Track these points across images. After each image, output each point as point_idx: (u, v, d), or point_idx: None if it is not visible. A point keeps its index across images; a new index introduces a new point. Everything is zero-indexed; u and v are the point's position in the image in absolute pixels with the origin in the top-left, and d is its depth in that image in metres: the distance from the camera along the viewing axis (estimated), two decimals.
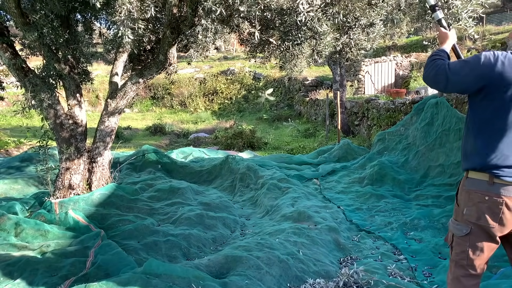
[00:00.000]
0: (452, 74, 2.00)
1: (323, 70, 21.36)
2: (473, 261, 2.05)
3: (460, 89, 2.06)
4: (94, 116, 17.46)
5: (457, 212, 2.12)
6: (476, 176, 2.03)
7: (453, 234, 2.12)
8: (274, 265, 3.36)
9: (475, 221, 2.01)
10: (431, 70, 2.09)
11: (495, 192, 1.95)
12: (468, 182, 2.07)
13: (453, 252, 2.13)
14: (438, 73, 2.05)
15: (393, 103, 9.84)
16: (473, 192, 2.03)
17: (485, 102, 1.99)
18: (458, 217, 2.10)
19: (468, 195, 2.05)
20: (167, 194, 5.47)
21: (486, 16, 23.72)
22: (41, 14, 4.28)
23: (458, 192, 2.16)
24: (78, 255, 3.61)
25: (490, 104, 1.97)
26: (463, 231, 2.05)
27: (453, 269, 2.12)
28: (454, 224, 2.12)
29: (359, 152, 8.25)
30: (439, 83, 2.07)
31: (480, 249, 2.03)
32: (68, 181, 4.91)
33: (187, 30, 4.48)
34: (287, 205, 5.12)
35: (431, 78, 2.10)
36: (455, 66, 2.01)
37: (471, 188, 2.04)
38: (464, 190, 2.08)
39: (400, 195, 5.62)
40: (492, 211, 1.96)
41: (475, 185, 2.02)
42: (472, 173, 2.05)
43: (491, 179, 1.97)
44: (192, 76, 23.49)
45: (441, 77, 2.04)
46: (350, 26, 3.76)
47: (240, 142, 12.00)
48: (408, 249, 3.92)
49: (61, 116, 4.85)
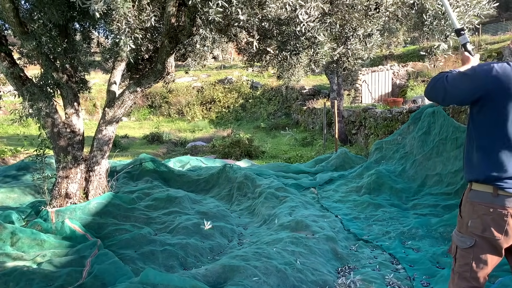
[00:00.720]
0: (450, 86, 2.01)
1: (320, 79, 21.47)
2: (476, 273, 2.03)
3: (457, 101, 2.07)
4: (92, 125, 17.44)
5: (461, 224, 2.10)
6: (480, 188, 2.02)
7: (457, 246, 2.10)
8: (272, 274, 3.35)
9: (480, 233, 2.00)
10: (430, 83, 2.10)
11: (499, 204, 1.94)
12: (472, 194, 2.05)
13: (456, 263, 2.12)
14: (436, 86, 2.06)
15: (390, 112, 9.88)
16: (477, 204, 2.01)
17: (483, 113, 1.99)
18: (462, 229, 2.08)
19: (472, 207, 2.04)
20: (164, 203, 5.45)
21: (482, 26, 23.94)
22: (40, 23, 4.29)
23: (462, 204, 2.14)
24: (74, 264, 3.58)
25: (489, 115, 1.97)
26: (467, 243, 2.04)
27: (456, 280, 2.11)
28: (458, 236, 2.10)
29: (356, 161, 8.26)
30: (438, 96, 2.08)
31: (484, 262, 2.02)
32: (65, 190, 4.88)
33: (185, 40, 4.50)
34: (285, 214, 5.11)
35: (429, 91, 2.12)
36: (453, 78, 2.02)
37: (475, 200, 2.03)
38: (468, 202, 2.06)
39: (398, 204, 5.62)
40: (497, 223, 1.95)
41: (479, 197, 2.01)
42: (475, 185, 2.04)
43: (495, 191, 1.96)
44: (189, 84, 23.56)
45: (439, 90, 2.05)
46: (348, 37, 3.79)
47: (237, 151, 11.99)
48: (406, 259, 3.91)
49: (59, 125, 4.85)
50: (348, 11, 3.47)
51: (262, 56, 4.98)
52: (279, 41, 3.62)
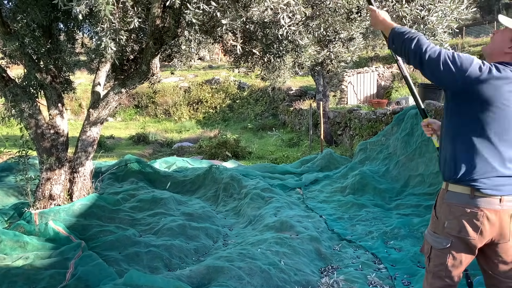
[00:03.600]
0: (451, 62, 1.93)
1: (307, 80, 21.58)
2: (451, 272, 2.06)
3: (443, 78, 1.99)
4: (77, 125, 17.27)
5: (436, 224, 2.11)
6: (456, 190, 2.03)
7: (432, 246, 2.12)
8: (256, 275, 3.38)
9: (456, 234, 2.02)
10: (421, 48, 1.98)
11: (476, 205, 1.96)
12: (448, 195, 2.06)
13: (431, 263, 2.13)
14: (432, 52, 1.97)
15: (374, 113, 10.00)
16: (454, 205, 2.03)
17: (467, 108, 1.98)
18: (438, 230, 2.09)
19: (449, 208, 2.05)
20: (150, 205, 5.45)
21: (466, 28, 24.36)
22: (23, 23, 4.26)
23: (437, 205, 2.15)
24: (58, 266, 3.56)
25: (472, 111, 1.96)
26: (444, 244, 2.05)
27: (430, 280, 2.14)
28: (433, 237, 2.11)
29: (341, 162, 8.34)
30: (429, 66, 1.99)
31: (459, 261, 2.05)
32: (48, 192, 4.85)
33: (170, 41, 4.51)
34: (270, 215, 5.15)
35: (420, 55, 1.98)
36: (448, 53, 1.96)
37: (451, 202, 2.04)
38: (445, 203, 2.07)
39: (381, 204, 5.70)
40: (472, 224, 1.97)
41: (456, 198, 2.02)
42: (452, 186, 2.05)
43: (472, 192, 1.98)
44: (176, 85, 23.47)
45: (433, 63, 1.96)
46: (330, 40, 3.85)
47: (224, 152, 12.00)
48: (388, 258, 3.98)
49: (42, 126, 4.81)
50: (331, 15, 3.52)
51: (248, 57, 5.02)
52: (263, 43, 3.66)
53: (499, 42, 2.04)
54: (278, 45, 3.25)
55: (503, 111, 1.92)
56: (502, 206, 1.95)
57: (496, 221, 1.96)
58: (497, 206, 1.95)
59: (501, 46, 2.02)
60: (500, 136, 1.94)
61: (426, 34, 3.20)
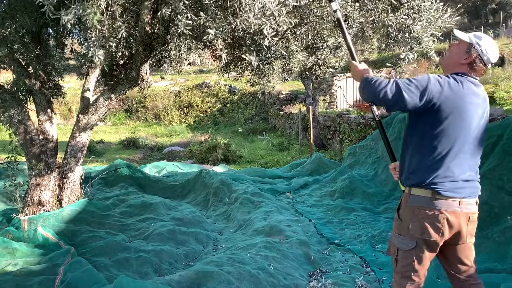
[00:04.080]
0: (405, 91, 2.04)
1: (297, 84, 21.68)
2: (418, 271, 2.17)
3: (407, 106, 2.07)
4: (66, 130, 17.16)
5: (401, 227, 2.22)
6: (419, 193, 2.15)
7: (398, 248, 2.22)
8: (245, 279, 3.41)
9: (419, 236, 2.13)
10: (379, 87, 2.09)
11: (437, 208, 2.09)
12: (411, 198, 2.18)
13: (398, 264, 2.23)
14: (390, 90, 2.06)
15: (363, 117, 10.09)
16: (417, 209, 2.14)
17: (429, 119, 2.09)
18: (403, 232, 2.20)
19: (412, 211, 2.16)
20: (139, 210, 5.45)
21: (453, 34, 24.65)
22: (12, 29, 4.25)
23: (401, 208, 2.26)
24: (47, 273, 3.56)
25: (434, 121, 2.08)
26: (409, 245, 2.16)
27: (399, 280, 2.23)
28: (399, 239, 2.22)
29: (331, 166, 8.41)
30: (392, 100, 2.07)
31: (424, 260, 2.16)
32: (37, 198, 4.83)
33: (159, 47, 4.53)
34: (260, 219, 5.18)
35: (382, 95, 2.08)
36: (405, 83, 2.07)
37: (414, 205, 2.15)
38: (408, 207, 2.19)
39: (370, 208, 5.77)
40: (434, 226, 2.09)
41: (419, 202, 2.14)
42: (415, 189, 2.17)
43: (433, 195, 2.10)
44: (167, 89, 23.45)
45: (395, 94, 2.05)
46: (318, 47, 3.91)
47: (214, 156, 12.01)
48: (376, 262, 4.04)
49: (31, 132, 4.80)
50: (318, 22, 3.58)
51: (237, 63, 5.06)
52: (251, 50, 3.70)
53: (455, 54, 2.19)
54: (266, 52, 3.30)
55: (463, 121, 2.06)
56: (461, 208, 2.09)
57: (456, 223, 2.10)
58: (456, 208, 2.09)
59: (457, 58, 2.17)
60: (461, 145, 2.08)
61: (412, 42, 3.28)
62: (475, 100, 2.09)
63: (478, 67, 2.13)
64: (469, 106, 2.06)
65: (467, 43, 2.14)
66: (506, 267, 3.42)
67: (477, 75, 2.15)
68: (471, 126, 2.08)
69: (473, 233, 2.19)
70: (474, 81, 2.14)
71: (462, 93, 2.05)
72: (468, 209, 2.11)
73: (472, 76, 2.14)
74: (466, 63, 2.13)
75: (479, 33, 2.18)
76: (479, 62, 2.12)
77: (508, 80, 11.88)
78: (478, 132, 2.13)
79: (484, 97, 2.16)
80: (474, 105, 2.08)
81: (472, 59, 2.12)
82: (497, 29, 24.81)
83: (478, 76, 2.16)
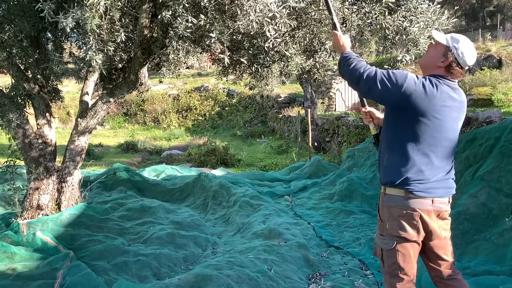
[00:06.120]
0: (380, 81, 2.07)
1: (296, 87, 21.70)
2: (405, 269, 2.19)
3: (378, 97, 2.14)
4: (65, 133, 17.14)
5: (381, 227, 2.26)
6: (393, 192, 2.19)
7: (382, 248, 2.25)
8: (244, 283, 3.41)
9: (397, 234, 2.16)
10: (357, 70, 2.13)
11: (411, 207, 2.13)
12: (386, 198, 2.22)
13: (385, 264, 2.26)
14: (367, 77, 2.10)
15: (361, 120, 10.10)
16: (393, 207, 2.18)
17: (402, 119, 2.13)
18: (384, 231, 2.23)
19: (388, 210, 2.20)
20: (138, 213, 5.45)
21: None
22: (10, 33, 4.26)
23: (380, 208, 2.30)
24: (46, 277, 3.55)
25: (407, 121, 2.11)
26: (390, 244, 2.19)
27: (389, 280, 2.25)
28: (381, 239, 2.25)
29: (329, 169, 8.42)
30: (366, 87, 2.12)
31: (409, 256, 2.18)
32: (36, 202, 4.83)
33: (158, 51, 4.55)
34: (259, 223, 5.18)
35: (357, 78, 2.13)
36: (383, 74, 2.10)
37: (390, 204, 2.20)
38: (385, 206, 2.23)
39: (368, 211, 5.77)
40: (410, 223, 2.14)
41: (393, 201, 2.18)
42: (389, 189, 2.21)
43: (406, 195, 2.14)
44: (165, 92, 23.44)
45: (369, 81, 2.09)
46: (316, 50, 3.93)
47: (213, 159, 12.01)
48: (374, 264, 4.04)
49: (30, 136, 4.80)
50: (316, 25, 3.60)
51: (236, 66, 5.07)
52: (250, 53, 3.72)
53: (432, 56, 2.19)
54: (264, 55, 3.31)
55: (436, 123, 2.08)
56: (434, 206, 2.14)
57: (429, 220, 2.13)
58: (429, 206, 2.13)
59: (434, 60, 2.17)
60: (433, 146, 2.11)
61: (409, 44, 3.30)
62: (451, 104, 2.10)
63: (455, 70, 2.12)
64: (442, 109, 2.07)
65: (444, 46, 2.13)
66: (505, 269, 3.42)
67: (454, 78, 2.15)
68: (444, 129, 2.10)
69: (447, 228, 2.22)
70: (451, 84, 2.14)
71: (436, 96, 2.06)
72: (440, 207, 2.15)
73: (449, 79, 2.14)
74: (443, 66, 2.13)
75: (457, 35, 2.16)
76: (456, 66, 2.11)
77: (505, 83, 11.90)
78: (451, 135, 2.14)
79: (461, 101, 2.16)
80: (448, 108, 2.09)
81: (449, 62, 2.11)
82: (495, 32, 24.87)
83: (455, 79, 2.16)
